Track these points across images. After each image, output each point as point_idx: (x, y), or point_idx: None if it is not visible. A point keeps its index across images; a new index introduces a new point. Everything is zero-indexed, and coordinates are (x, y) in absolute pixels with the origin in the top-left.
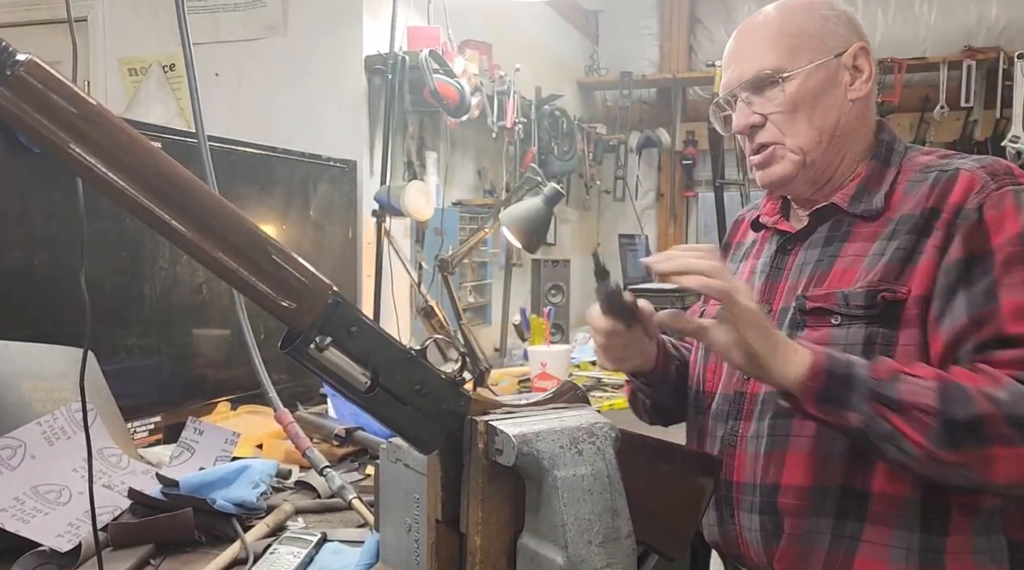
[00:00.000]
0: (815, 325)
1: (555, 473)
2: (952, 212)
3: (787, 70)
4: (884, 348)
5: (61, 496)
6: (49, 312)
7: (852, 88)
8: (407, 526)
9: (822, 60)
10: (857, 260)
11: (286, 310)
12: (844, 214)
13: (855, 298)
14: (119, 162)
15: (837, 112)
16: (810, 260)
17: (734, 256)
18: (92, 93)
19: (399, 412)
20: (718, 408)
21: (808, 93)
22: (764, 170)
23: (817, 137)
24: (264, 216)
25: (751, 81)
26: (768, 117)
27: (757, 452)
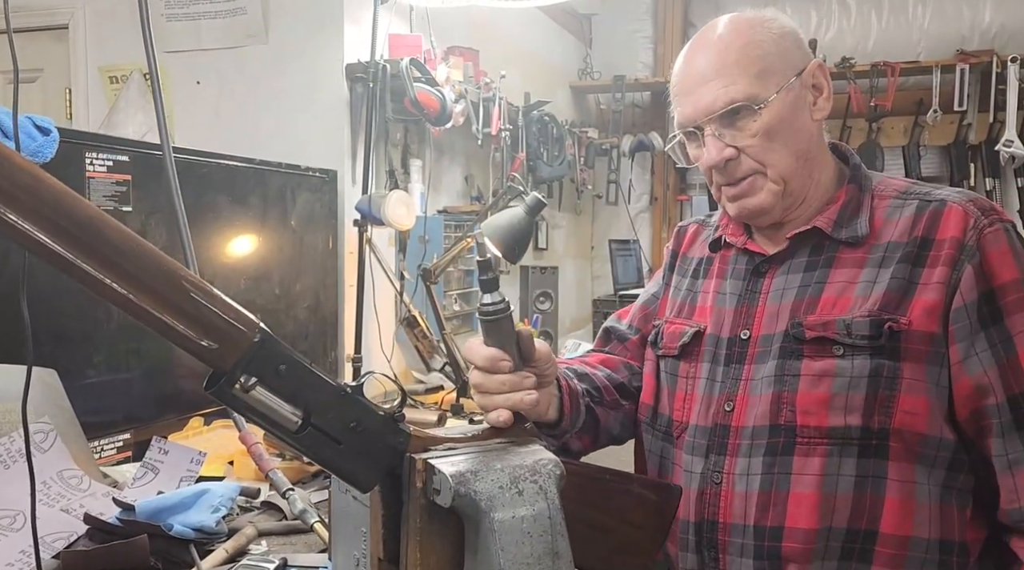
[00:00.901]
0: (815, 356)
1: (492, 515)
2: (954, 247)
3: (760, 99)
4: (890, 381)
5: (15, 522)
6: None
7: (816, 107)
8: (355, 560)
9: (789, 82)
10: (848, 287)
11: (207, 351)
12: (827, 239)
13: (859, 327)
14: (18, 202)
15: (807, 134)
16: (792, 285)
17: (681, 268)
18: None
19: (334, 451)
20: (693, 441)
21: (783, 119)
22: (741, 201)
23: (795, 163)
24: (242, 227)
25: (722, 114)
26: (743, 149)
27: (749, 491)
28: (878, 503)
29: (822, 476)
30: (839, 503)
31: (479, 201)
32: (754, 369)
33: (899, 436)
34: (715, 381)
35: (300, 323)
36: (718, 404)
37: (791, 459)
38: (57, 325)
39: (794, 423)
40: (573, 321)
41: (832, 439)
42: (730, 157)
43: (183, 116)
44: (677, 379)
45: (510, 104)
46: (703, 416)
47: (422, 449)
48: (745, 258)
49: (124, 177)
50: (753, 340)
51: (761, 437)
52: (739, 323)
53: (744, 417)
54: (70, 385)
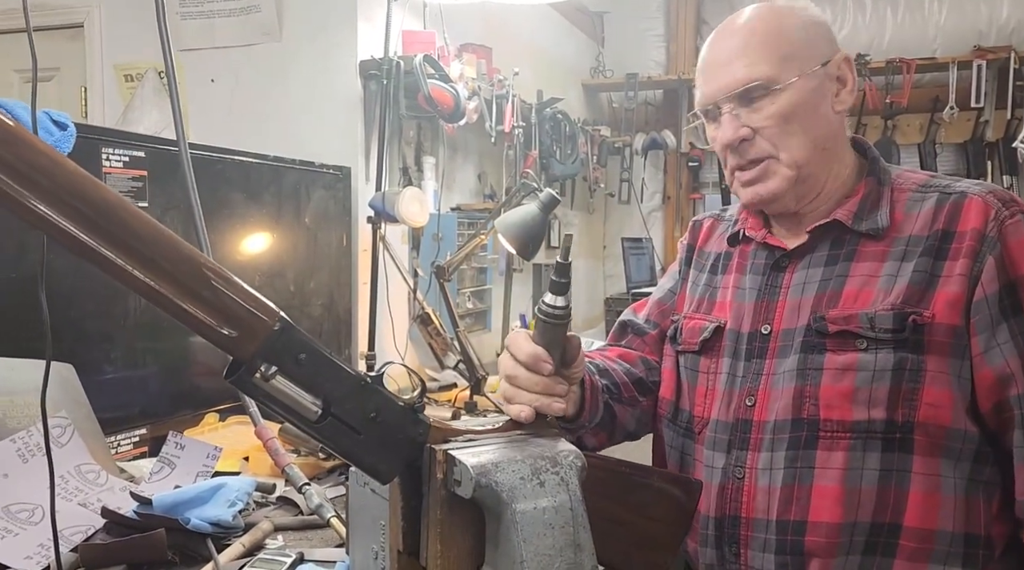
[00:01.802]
0: (838, 349)
1: (514, 506)
2: (975, 239)
3: (780, 80)
4: (913, 374)
5: (33, 515)
6: (29, 326)
7: (838, 99)
8: (374, 553)
9: (812, 70)
10: (871, 280)
11: (227, 339)
12: (847, 232)
13: (882, 321)
14: (39, 187)
15: (827, 124)
16: (813, 279)
17: (698, 262)
18: (89, 99)
19: (353, 441)
20: (715, 436)
21: (802, 105)
22: (754, 186)
23: (811, 150)
24: (256, 224)
25: (740, 92)
26: (758, 130)
27: (772, 486)
28: (902, 497)
29: (846, 470)
30: (863, 497)
31: (492, 199)
32: (775, 363)
33: (924, 429)
34: (736, 376)
35: (314, 320)
36: (739, 399)
37: (814, 453)
38: (75, 321)
39: (817, 417)
40: (585, 320)
41: (856, 433)
42: (745, 136)
43: (198, 113)
44: (698, 375)
45: (523, 101)
46: (724, 411)
47: (442, 440)
48: (765, 253)
49: (140, 173)
50: (774, 335)
51: (784, 431)
52: (759, 318)
53: (766, 411)
54: (87, 380)
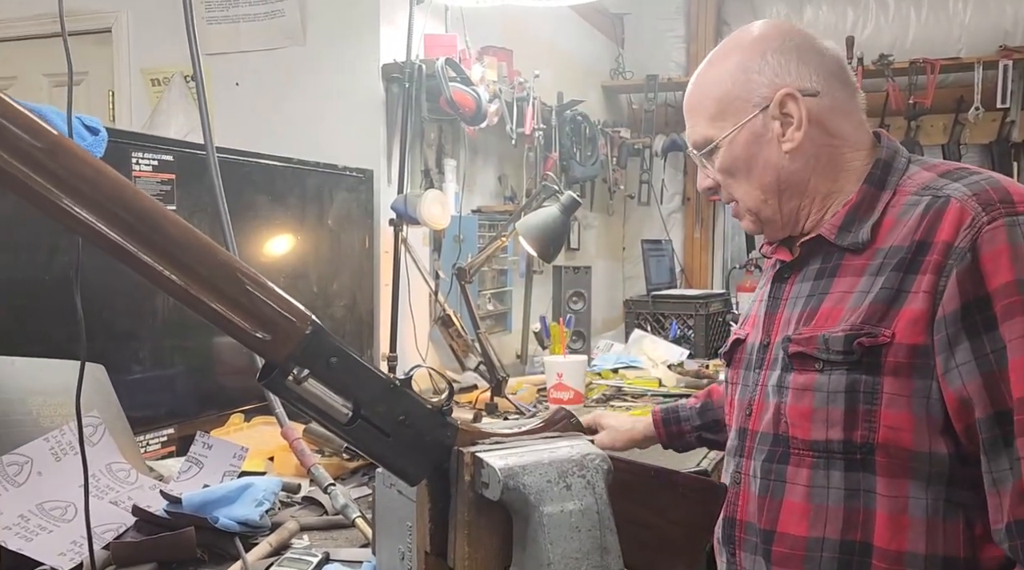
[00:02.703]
0: (801, 369)
1: (541, 509)
2: (942, 253)
3: (714, 140)
4: (868, 395)
5: (66, 513)
6: (59, 327)
7: (785, 139)
8: (400, 554)
9: (745, 120)
10: (844, 297)
11: (261, 342)
12: (833, 246)
13: (835, 343)
14: (82, 195)
15: (774, 168)
16: (803, 293)
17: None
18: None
19: (382, 444)
20: (731, 443)
21: (737, 158)
22: (739, 221)
23: (761, 197)
24: (280, 226)
25: (695, 152)
26: (717, 182)
27: (758, 493)
28: (869, 517)
29: (811, 487)
30: (830, 515)
31: (512, 201)
32: (767, 375)
33: (884, 451)
34: (746, 386)
35: (337, 321)
36: (743, 408)
37: (785, 468)
38: (105, 321)
39: (787, 434)
40: (605, 322)
41: (817, 452)
42: (710, 186)
43: (223, 117)
44: (728, 385)
45: (543, 104)
46: (737, 419)
47: (470, 443)
48: (777, 264)
49: (168, 176)
50: (770, 346)
51: (765, 443)
52: (765, 329)
53: (757, 422)
54: (116, 380)
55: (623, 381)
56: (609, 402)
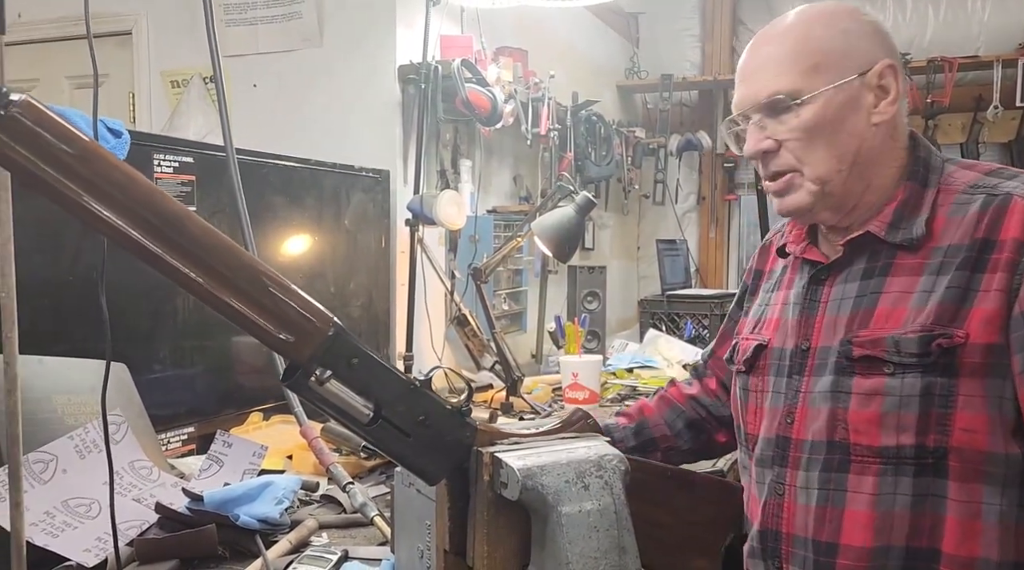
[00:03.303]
0: (866, 373)
1: (560, 509)
2: (1013, 250)
3: (804, 93)
4: (944, 399)
5: (91, 510)
6: (84, 326)
7: (876, 111)
8: (419, 552)
9: (843, 81)
10: (903, 297)
11: (284, 343)
12: (882, 244)
13: (907, 345)
14: (113, 200)
15: (859, 138)
16: (849, 294)
17: (767, 285)
18: (137, 105)
19: (403, 443)
20: (762, 453)
21: (826, 119)
22: (780, 199)
23: (836, 166)
24: (297, 227)
25: (765, 104)
26: (783, 143)
27: (808, 505)
28: (938, 522)
29: (876, 495)
30: (896, 522)
31: (528, 201)
32: (812, 382)
33: (958, 454)
34: (780, 393)
35: (353, 321)
36: (781, 416)
37: (846, 477)
38: (126, 322)
39: (848, 441)
40: (619, 321)
41: (885, 458)
42: (767, 149)
43: (241, 118)
44: (749, 393)
45: (558, 104)
46: (768, 428)
47: (488, 443)
48: (807, 266)
49: (189, 178)
50: (812, 351)
51: (819, 452)
52: (800, 334)
53: (803, 430)
54: (137, 379)
55: (638, 381)
56: (624, 401)
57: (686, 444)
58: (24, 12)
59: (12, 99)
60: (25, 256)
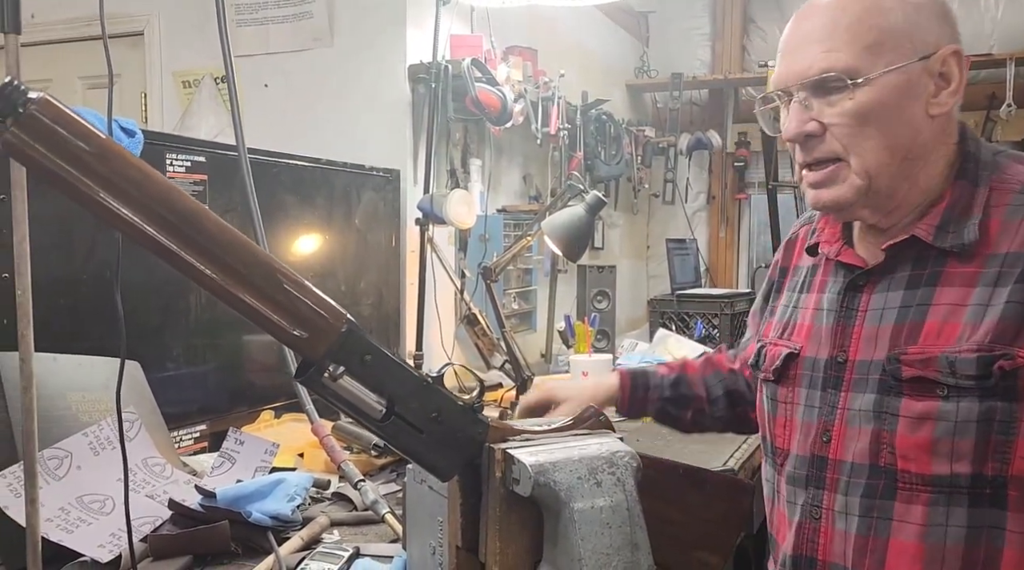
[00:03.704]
0: (916, 395)
1: (572, 505)
2: None
3: (861, 73)
4: (1004, 424)
5: (105, 506)
6: (97, 324)
7: (935, 101)
8: (431, 549)
9: (904, 63)
10: (956, 311)
11: (298, 340)
12: (929, 249)
13: (964, 366)
14: (129, 197)
15: (914, 130)
16: (891, 304)
17: (792, 283)
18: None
19: (415, 440)
20: (795, 471)
21: (883, 105)
22: (817, 190)
23: (887, 158)
24: (308, 225)
25: (815, 82)
26: (829, 127)
27: (847, 531)
28: (994, 556)
29: (926, 526)
30: (948, 555)
31: (537, 200)
32: (850, 398)
33: (1019, 483)
34: (813, 407)
35: (364, 320)
36: (816, 433)
37: (892, 504)
38: (139, 319)
39: (895, 467)
40: (629, 321)
41: (937, 487)
42: (812, 132)
43: (251, 118)
44: (777, 404)
45: (568, 103)
46: (802, 445)
47: (500, 439)
48: (843, 269)
49: (201, 177)
50: (849, 364)
51: (860, 476)
52: (835, 344)
53: (842, 450)
54: (151, 377)
55: None
56: None
57: (719, 412)
58: (38, 13)
59: (30, 97)
60: (40, 254)
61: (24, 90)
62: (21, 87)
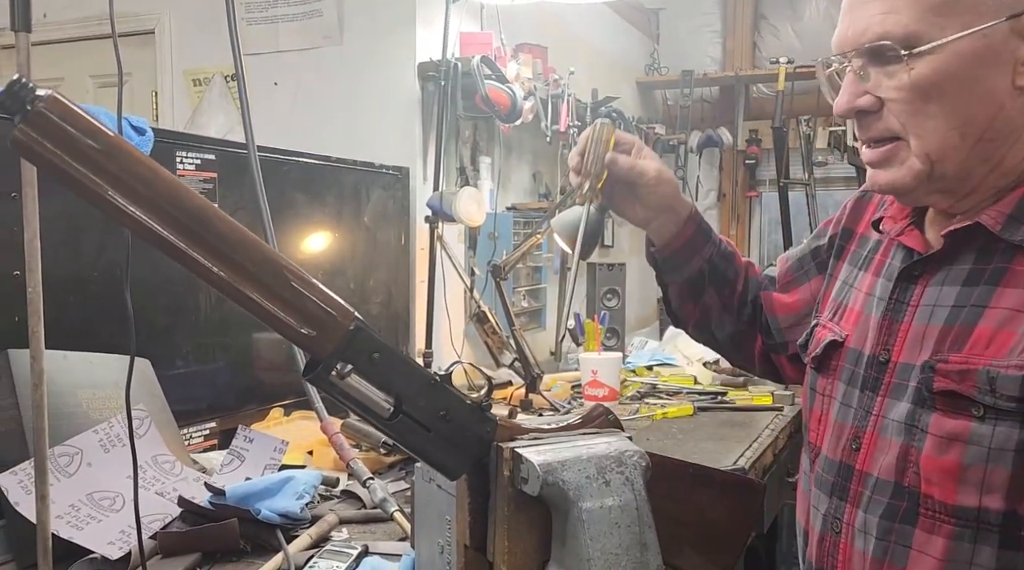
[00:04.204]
0: (948, 412)
1: (581, 505)
2: None
3: (924, 40)
4: None
5: (115, 503)
6: (107, 322)
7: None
8: (440, 547)
9: (983, 26)
10: (1015, 318)
11: (306, 338)
12: (998, 241)
13: (1006, 384)
14: (138, 194)
15: (994, 105)
16: (945, 301)
17: (856, 256)
18: (159, 104)
19: (423, 438)
20: (822, 475)
21: (951, 77)
22: (874, 171)
23: (956, 140)
24: (318, 224)
25: (868, 49)
26: (886, 102)
27: (865, 552)
28: None
29: (947, 562)
30: None
31: (547, 198)
32: (887, 405)
33: None
34: (849, 407)
35: (373, 318)
36: (847, 438)
37: (912, 531)
38: (149, 317)
39: (918, 490)
40: (639, 319)
41: (962, 520)
42: (865, 107)
43: (261, 116)
44: (815, 395)
45: (578, 100)
46: (832, 448)
47: (509, 438)
48: (901, 253)
49: (211, 175)
50: (891, 366)
51: (883, 493)
52: (880, 341)
53: (869, 462)
54: (160, 375)
55: (658, 378)
56: (644, 399)
57: (745, 314)
58: (49, 12)
59: (38, 94)
60: (51, 252)
61: (32, 87)
62: (29, 85)
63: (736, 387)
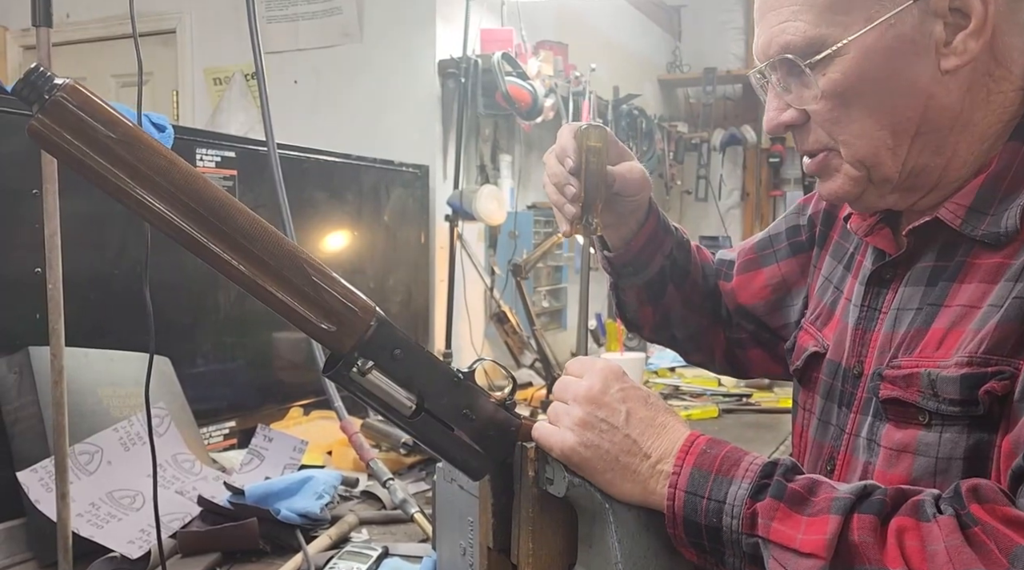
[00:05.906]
0: (898, 422)
1: (611, 507)
2: None
3: (828, 43)
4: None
5: (135, 502)
6: (127, 321)
7: (949, 50)
8: (462, 549)
9: (888, 15)
10: (970, 314)
11: (326, 333)
12: (958, 237)
13: (946, 386)
14: (155, 185)
15: (921, 96)
16: (910, 304)
17: (839, 249)
18: (180, 102)
19: (446, 437)
20: None
21: (864, 77)
22: (818, 182)
23: (887, 141)
24: (337, 222)
25: (779, 62)
26: (811, 114)
27: None
28: None
29: None
30: None
31: None
32: (858, 422)
33: None
34: (828, 424)
35: (393, 317)
36: (824, 460)
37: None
38: (169, 316)
39: None
40: None
41: None
42: (790, 122)
43: (281, 114)
44: (798, 408)
45: (599, 98)
46: (810, 468)
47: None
48: (873, 255)
49: (231, 172)
50: (863, 379)
51: None
52: (855, 350)
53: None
54: (180, 373)
55: (681, 380)
56: (667, 401)
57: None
58: (72, 12)
59: (56, 83)
60: (71, 250)
61: (50, 76)
62: (48, 74)
63: (761, 388)
